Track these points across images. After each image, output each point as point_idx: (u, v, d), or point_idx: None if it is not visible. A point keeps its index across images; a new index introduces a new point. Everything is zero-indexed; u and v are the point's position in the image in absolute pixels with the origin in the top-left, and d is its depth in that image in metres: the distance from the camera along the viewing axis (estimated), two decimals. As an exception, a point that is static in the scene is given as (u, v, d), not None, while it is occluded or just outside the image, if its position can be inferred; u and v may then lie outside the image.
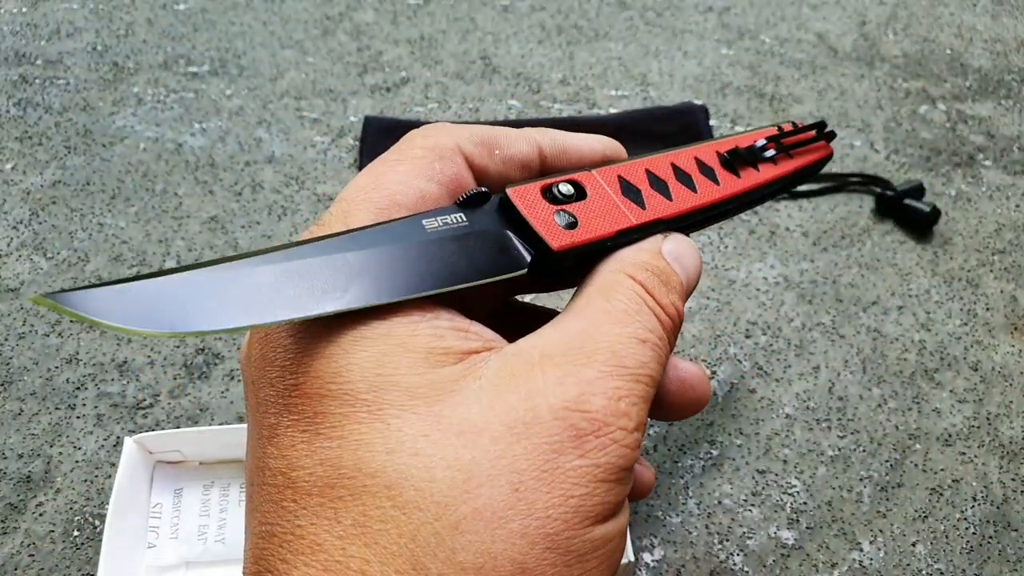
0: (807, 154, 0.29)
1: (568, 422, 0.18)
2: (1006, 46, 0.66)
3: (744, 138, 0.28)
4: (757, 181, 0.27)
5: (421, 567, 0.16)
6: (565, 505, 0.18)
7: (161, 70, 0.62)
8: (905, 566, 0.38)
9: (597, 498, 0.18)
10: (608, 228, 0.22)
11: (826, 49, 0.65)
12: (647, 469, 0.27)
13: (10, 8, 0.67)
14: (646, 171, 0.24)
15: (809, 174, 0.30)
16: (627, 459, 0.19)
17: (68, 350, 0.45)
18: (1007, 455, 0.42)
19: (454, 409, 0.18)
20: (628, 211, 0.23)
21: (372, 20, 0.67)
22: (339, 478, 0.17)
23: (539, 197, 0.22)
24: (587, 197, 0.22)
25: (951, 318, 0.48)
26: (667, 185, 0.24)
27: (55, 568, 0.38)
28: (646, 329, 0.21)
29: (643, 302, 0.21)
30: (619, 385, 0.19)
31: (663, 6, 0.69)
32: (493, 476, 0.17)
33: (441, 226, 0.20)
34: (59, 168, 0.55)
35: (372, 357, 0.18)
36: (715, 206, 0.25)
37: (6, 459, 0.41)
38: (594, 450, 0.18)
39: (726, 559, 0.38)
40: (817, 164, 0.30)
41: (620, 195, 0.23)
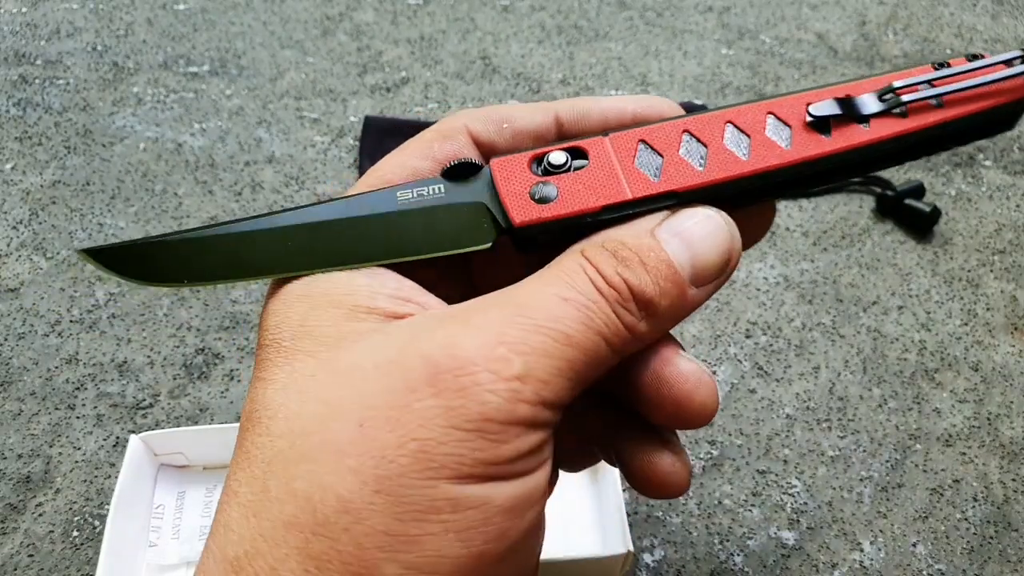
0: (978, 100, 0.20)
1: (429, 360, 0.17)
2: (1006, 46, 0.66)
3: (867, 83, 0.21)
4: (856, 141, 0.20)
5: (267, 490, 0.17)
6: (403, 448, 0.16)
7: (161, 70, 0.62)
8: (906, 566, 0.38)
9: (447, 447, 0.16)
10: (592, 203, 0.19)
11: (826, 49, 0.65)
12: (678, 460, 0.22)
13: (10, 8, 0.67)
14: (685, 131, 0.20)
15: (978, 128, 0.21)
16: (492, 408, 0.17)
17: (68, 350, 0.45)
18: (1007, 455, 0.42)
19: (347, 354, 0.18)
20: (631, 183, 0.19)
21: (372, 20, 0.67)
22: (251, 412, 0.19)
23: (525, 168, 0.20)
24: (586, 167, 0.20)
25: (951, 318, 0.48)
26: (707, 150, 0.20)
27: (54, 568, 0.37)
28: (573, 288, 0.18)
29: (581, 270, 0.19)
30: (506, 331, 0.17)
31: (663, 6, 0.69)
32: (347, 411, 0.17)
33: (415, 197, 0.20)
34: (59, 168, 0.55)
35: (303, 311, 0.19)
36: (772, 174, 0.20)
37: (6, 459, 0.41)
38: (448, 391, 0.17)
39: (726, 559, 0.38)
40: (996, 112, 0.21)
41: (632, 164, 0.20)
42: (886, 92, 0.20)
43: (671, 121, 0.21)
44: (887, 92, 0.20)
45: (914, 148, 0.21)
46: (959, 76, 0.21)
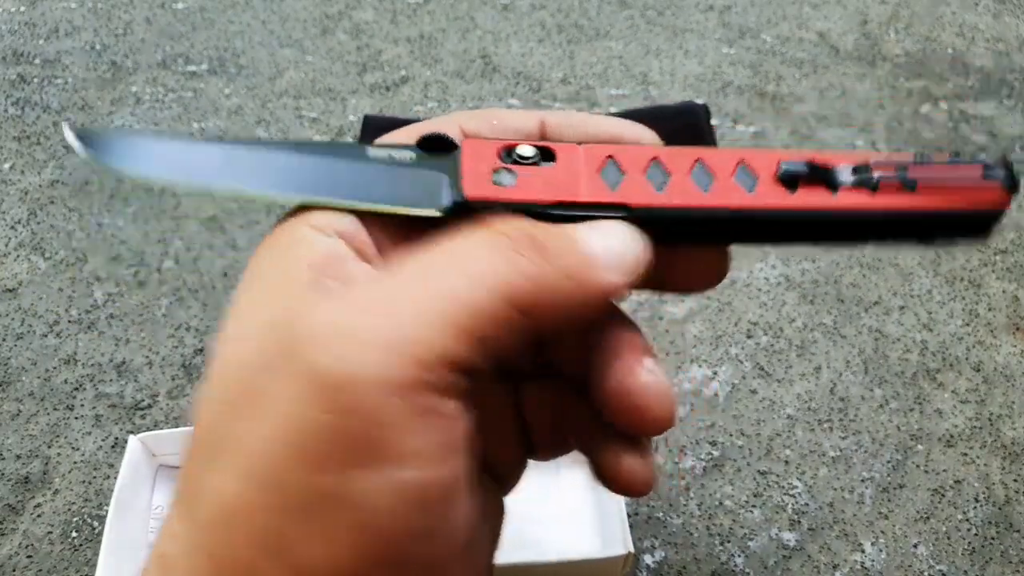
0: (950, 195, 0.20)
1: (283, 338, 0.15)
2: (1008, 45, 0.66)
3: (843, 155, 0.21)
4: (821, 204, 0.20)
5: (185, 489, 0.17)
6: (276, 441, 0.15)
7: (159, 69, 0.61)
8: (907, 567, 0.38)
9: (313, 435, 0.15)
10: (545, 195, 0.19)
11: (828, 48, 0.65)
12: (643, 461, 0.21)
13: (8, 7, 0.66)
14: (654, 159, 0.20)
15: (946, 227, 0.20)
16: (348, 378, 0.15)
17: (66, 351, 0.45)
18: (1009, 456, 0.42)
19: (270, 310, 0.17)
20: (587, 188, 0.19)
21: (371, 19, 0.66)
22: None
23: (494, 153, 0.20)
24: (552, 163, 0.20)
25: (953, 318, 0.48)
26: (669, 176, 0.20)
27: (53, 569, 0.37)
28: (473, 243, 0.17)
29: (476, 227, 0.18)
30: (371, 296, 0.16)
31: (664, 5, 0.68)
32: (221, 406, 0.16)
33: (384, 156, 0.20)
34: (57, 168, 0.54)
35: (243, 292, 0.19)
36: (727, 213, 0.20)
37: (4, 460, 0.41)
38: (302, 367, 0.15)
39: (727, 560, 0.38)
40: (964, 216, 0.20)
41: (595, 173, 0.20)
42: (861, 166, 0.20)
43: (643, 147, 0.21)
44: (862, 167, 0.20)
45: (879, 228, 0.20)
46: (937, 167, 0.20)
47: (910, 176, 0.20)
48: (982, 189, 0.20)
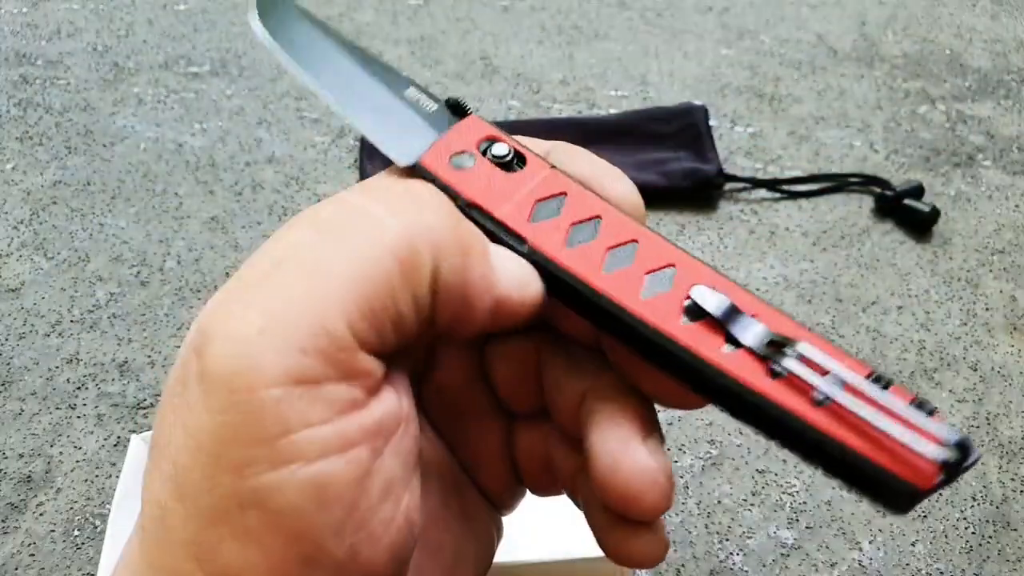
0: (874, 444, 0.15)
1: (193, 347, 0.15)
2: (1005, 46, 0.66)
3: (777, 317, 0.17)
4: (702, 352, 0.17)
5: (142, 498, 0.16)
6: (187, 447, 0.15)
7: (161, 70, 0.62)
8: (904, 566, 0.38)
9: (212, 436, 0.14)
10: (472, 193, 0.19)
11: (826, 49, 0.65)
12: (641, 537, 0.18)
13: (11, 8, 0.67)
14: (596, 215, 0.19)
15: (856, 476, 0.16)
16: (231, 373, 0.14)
17: (68, 350, 0.45)
18: (1006, 455, 0.42)
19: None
20: (513, 208, 0.19)
21: (372, 20, 0.67)
22: None
23: (478, 138, 0.21)
24: (516, 172, 0.20)
25: (950, 318, 0.48)
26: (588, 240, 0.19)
27: (55, 568, 0.38)
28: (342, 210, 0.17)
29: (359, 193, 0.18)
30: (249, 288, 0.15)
31: (663, 6, 0.69)
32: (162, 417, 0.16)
33: (414, 101, 0.22)
34: (59, 168, 0.55)
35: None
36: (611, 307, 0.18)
37: (7, 459, 0.41)
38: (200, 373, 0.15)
39: (726, 559, 0.39)
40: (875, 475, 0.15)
41: (534, 199, 0.19)
42: (784, 343, 0.16)
43: (598, 198, 0.19)
44: (785, 344, 0.16)
45: (759, 416, 0.17)
46: (872, 403, 0.15)
47: (831, 392, 0.16)
48: (910, 455, 0.15)
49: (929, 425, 0.15)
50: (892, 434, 0.15)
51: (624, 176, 0.20)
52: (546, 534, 0.36)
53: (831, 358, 0.16)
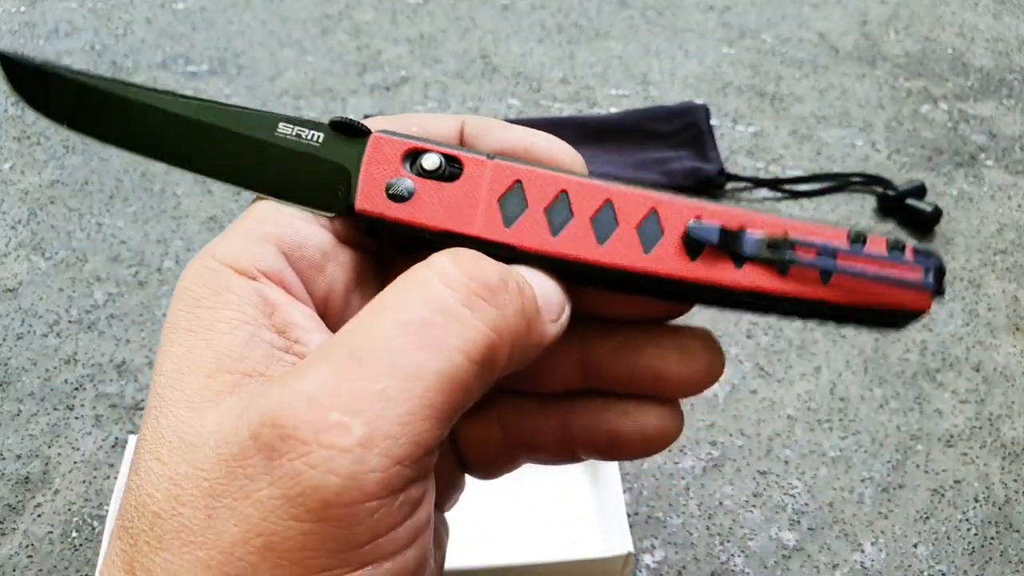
0: (870, 290, 0.18)
1: (262, 440, 0.15)
2: (1008, 45, 0.66)
3: (767, 219, 0.19)
4: (718, 279, 0.18)
5: (133, 573, 0.16)
6: (249, 544, 0.15)
7: (160, 69, 0.62)
8: (907, 567, 0.38)
9: (291, 542, 0.14)
10: (436, 222, 0.18)
11: (827, 48, 0.65)
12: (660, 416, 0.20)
13: (8, 7, 0.66)
14: (562, 191, 0.19)
15: (862, 320, 0.19)
16: (334, 492, 0.14)
17: (66, 351, 0.45)
18: (1009, 456, 0.42)
19: (200, 419, 0.16)
20: (483, 220, 0.18)
21: (371, 19, 0.66)
22: (130, 467, 0.17)
23: (398, 156, 0.19)
24: (455, 180, 0.19)
25: (953, 318, 0.48)
26: (571, 217, 0.19)
27: (53, 569, 0.37)
28: (416, 305, 0.16)
29: (428, 276, 0.17)
30: (337, 389, 0.15)
31: (664, 5, 0.68)
32: (196, 498, 0.15)
33: (292, 136, 0.20)
34: (57, 168, 0.55)
35: (181, 354, 0.17)
36: (617, 273, 0.19)
37: (4, 460, 0.41)
38: (284, 478, 0.15)
39: (727, 560, 0.38)
40: (881, 314, 0.19)
41: (495, 199, 0.19)
42: (779, 242, 0.18)
43: (557, 175, 0.19)
44: (780, 243, 0.18)
45: (780, 308, 0.19)
46: (863, 261, 0.18)
47: (830, 265, 0.18)
48: (907, 291, 0.18)
49: (910, 259, 0.18)
50: (888, 280, 0.18)
51: (542, 132, 0.21)
52: (546, 534, 0.36)
53: (815, 235, 0.19)
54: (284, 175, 0.19)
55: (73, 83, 0.21)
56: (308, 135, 0.20)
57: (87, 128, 0.20)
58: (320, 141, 0.20)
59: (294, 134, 0.20)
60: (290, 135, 0.20)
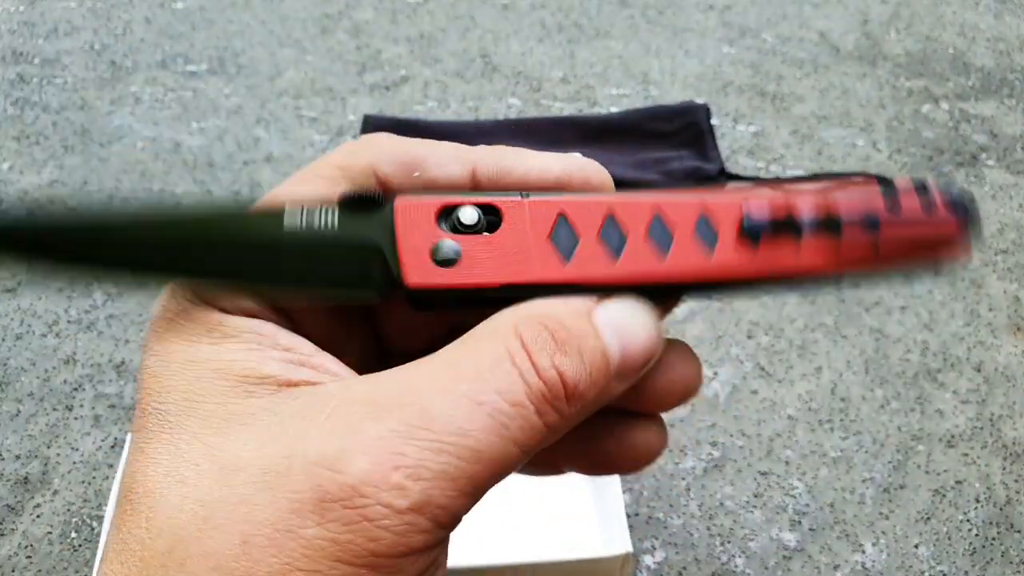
0: (913, 240, 0.19)
1: (315, 480, 0.15)
2: (1009, 45, 0.66)
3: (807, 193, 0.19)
4: (784, 265, 0.18)
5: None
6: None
7: (159, 69, 0.61)
8: (908, 568, 0.38)
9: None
10: (493, 277, 0.18)
11: (828, 48, 0.65)
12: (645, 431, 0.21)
13: (8, 7, 0.66)
14: (609, 214, 0.18)
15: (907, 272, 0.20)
16: (385, 545, 0.15)
17: (66, 351, 0.45)
18: (1010, 456, 0.42)
19: (233, 442, 0.16)
20: (539, 262, 0.18)
21: (371, 18, 0.66)
22: (130, 492, 0.17)
23: (431, 218, 0.18)
24: (498, 229, 0.18)
25: (954, 318, 0.48)
26: (625, 240, 0.18)
27: (52, 570, 0.37)
28: (491, 389, 0.16)
29: (508, 356, 0.17)
30: (405, 451, 0.15)
31: (664, 4, 0.68)
32: (229, 523, 0.16)
33: (304, 226, 0.18)
34: (57, 167, 0.54)
35: (188, 381, 0.17)
36: (685, 285, 0.19)
37: (3, 460, 0.41)
38: (335, 522, 0.15)
39: (728, 561, 0.38)
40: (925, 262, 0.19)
41: (545, 239, 0.18)
42: (831, 219, 0.19)
43: (597, 198, 0.19)
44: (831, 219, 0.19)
45: (835, 281, 0.19)
46: (902, 226, 0.18)
47: (876, 236, 0.18)
48: (947, 241, 0.19)
49: (942, 213, 0.18)
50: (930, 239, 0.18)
51: (567, 156, 0.20)
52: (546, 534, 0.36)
53: (850, 193, 0.19)
54: (308, 272, 0.18)
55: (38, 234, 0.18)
56: (321, 220, 0.18)
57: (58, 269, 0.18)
58: (337, 223, 0.18)
59: (305, 224, 0.18)
60: (302, 225, 0.18)
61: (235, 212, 0.19)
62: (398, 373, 0.17)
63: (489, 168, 0.20)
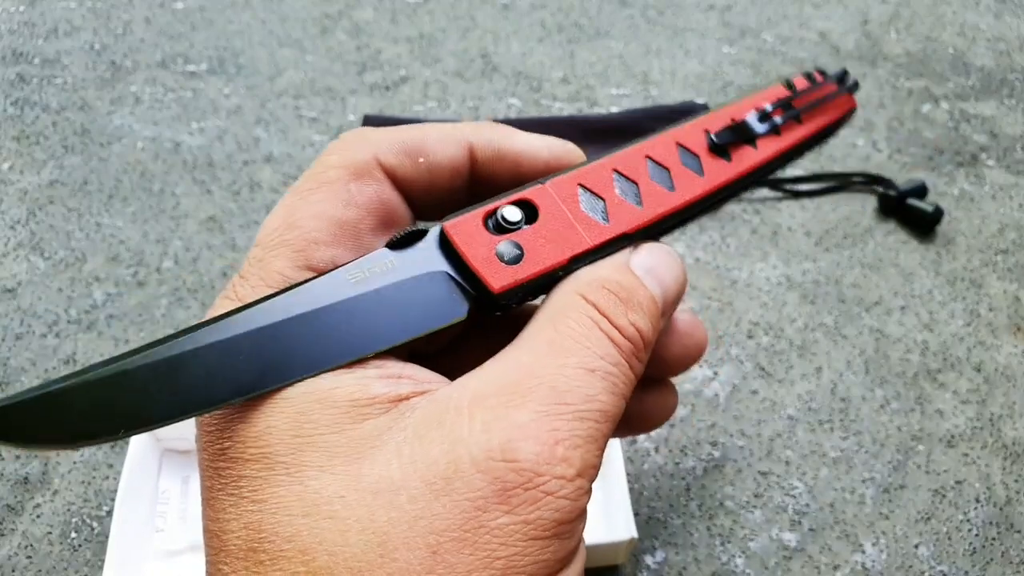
0: (822, 114, 0.25)
1: (492, 474, 0.16)
2: (1009, 45, 0.66)
3: (743, 106, 0.24)
4: (752, 163, 0.23)
5: None
6: (490, 568, 0.16)
7: (159, 69, 0.61)
8: (908, 568, 0.38)
9: (529, 558, 0.16)
10: (559, 256, 0.20)
11: (828, 48, 0.65)
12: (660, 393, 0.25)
13: (8, 7, 0.66)
14: (614, 171, 0.21)
15: (824, 137, 0.26)
16: (566, 511, 0.17)
17: (66, 351, 0.45)
18: (1010, 456, 0.42)
19: (373, 466, 0.17)
20: (586, 231, 0.20)
21: (371, 18, 0.66)
22: (260, 542, 0.16)
23: (481, 228, 0.19)
24: (538, 219, 0.20)
25: (954, 319, 0.48)
26: (638, 187, 0.21)
27: (52, 570, 0.37)
28: (596, 356, 0.18)
29: (595, 325, 0.19)
30: (556, 426, 0.17)
31: (664, 4, 0.68)
32: (410, 539, 0.16)
33: (367, 276, 0.19)
34: (56, 167, 0.54)
35: (290, 417, 0.17)
36: (693, 205, 0.22)
37: (3, 460, 0.41)
38: (523, 505, 0.16)
39: (728, 561, 0.38)
40: (834, 125, 0.26)
41: (579, 210, 0.20)
42: (764, 115, 0.24)
43: (599, 162, 0.21)
44: (764, 115, 0.24)
45: (785, 160, 0.24)
46: (810, 94, 0.25)
47: (796, 110, 0.25)
48: (839, 102, 0.26)
49: (825, 82, 0.26)
50: (827, 99, 0.25)
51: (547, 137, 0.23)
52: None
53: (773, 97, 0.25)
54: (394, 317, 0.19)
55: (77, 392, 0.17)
56: (379, 267, 0.19)
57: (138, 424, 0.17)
58: (395, 265, 0.19)
59: (367, 275, 0.19)
60: (363, 278, 0.19)
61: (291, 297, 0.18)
62: (497, 365, 0.18)
63: (484, 149, 0.22)
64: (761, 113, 0.24)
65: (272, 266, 0.19)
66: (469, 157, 0.21)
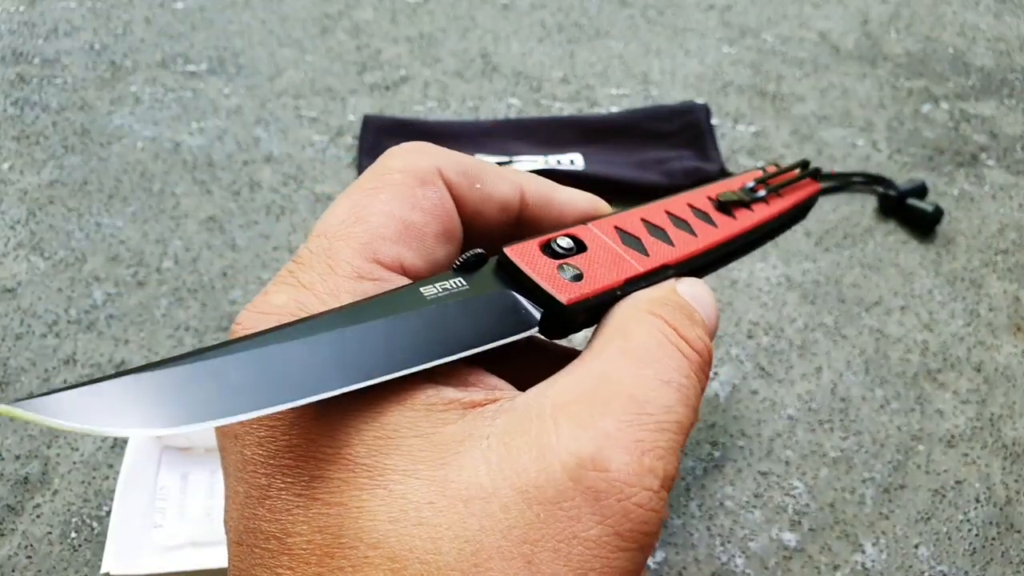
0: (796, 191, 0.30)
1: (585, 484, 0.16)
2: (1009, 45, 0.66)
3: (732, 182, 0.29)
4: (753, 221, 0.27)
5: None
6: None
7: (159, 69, 0.61)
8: (907, 568, 0.38)
9: (618, 569, 0.16)
10: (615, 277, 0.21)
11: (828, 48, 0.65)
12: None
13: (8, 7, 0.66)
14: (642, 220, 0.24)
15: (802, 211, 0.30)
16: (652, 524, 0.17)
17: (66, 351, 0.45)
18: (1010, 456, 0.42)
19: (460, 472, 0.16)
20: (632, 259, 0.22)
21: (371, 18, 0.66)
22: (339, 547, 0.16)
23: (538, 253, 0.21)
24: (587, 249, 0.22)
25: (954, 319, 0.48)
26: (666, 232, 0.24)
27: (52, 570, 0.37)
28: (670, 368, 0.19)
29: (665, 338, 0.19)
30: (642, 437, 0.17)
31: (664, 4, 0.68)
32: (504, 548, 0.16)
33: (441, 292, 0.19)
34: (56, 167, 0.54)
35: (369, 417, 0.17)
36: (716, 248, 0.25)
37: (3, 460, 0.41)
38: (615, 516, 0.16)
39: (728, 561, 0.38)
40: (808, 201, 0.30)
41: (621, 244, 0.23)
42: (750, 189, 0.28)
43: (627, 212, 0.24)
44: (751, 189, 0.28)
45: (777, 224, 0.28)
46: (786, 174, 0.30)
47: (774, 186, 0.29)
48: (806, 184, 0.30)
49: (793, 172, 0.30)
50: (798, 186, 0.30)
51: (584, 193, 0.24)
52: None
53: (748, 178, 0.29)
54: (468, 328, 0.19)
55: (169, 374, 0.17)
56: (451, 285, 0.20)
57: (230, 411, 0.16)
58: (466, 284, 0.20)
59: (440, 292, 0.19)
60: (439, 292, 0.19)
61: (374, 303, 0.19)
62: (570, 375, 0.19)
63: (534, 193, 0.23)
64: (748, 187, 0.28)
65: (340, 255, 0.20)
66: (520, 200, 0.23)
